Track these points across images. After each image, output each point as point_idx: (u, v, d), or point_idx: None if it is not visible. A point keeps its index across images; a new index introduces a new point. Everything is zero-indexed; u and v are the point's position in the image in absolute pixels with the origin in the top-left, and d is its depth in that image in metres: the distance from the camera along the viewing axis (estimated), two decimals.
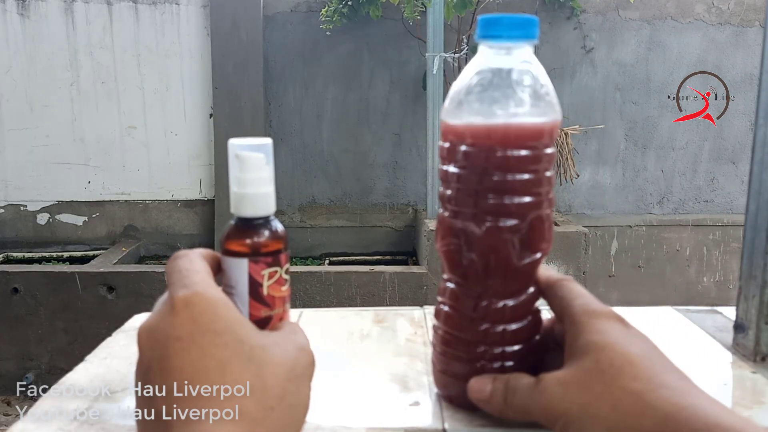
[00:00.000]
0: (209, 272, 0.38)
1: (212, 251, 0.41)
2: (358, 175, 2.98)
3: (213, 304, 0.34)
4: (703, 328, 0.59)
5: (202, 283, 0.35)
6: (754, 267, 0.53)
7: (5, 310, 2.37)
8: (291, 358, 0.35)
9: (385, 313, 0.63)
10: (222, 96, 2.83)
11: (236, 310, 0.36)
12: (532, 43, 0.41)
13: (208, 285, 0.35)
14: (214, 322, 0.33)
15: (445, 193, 0.43)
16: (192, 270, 0.37)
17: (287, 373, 0.34)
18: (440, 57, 2.43)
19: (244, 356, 0.33)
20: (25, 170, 2.90)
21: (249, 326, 0.35)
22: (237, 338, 0.33)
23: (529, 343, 0.43)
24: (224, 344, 0.33)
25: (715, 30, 2.89)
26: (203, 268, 0.37)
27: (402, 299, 2.39)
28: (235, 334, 0.33)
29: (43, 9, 2.80)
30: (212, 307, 0.34)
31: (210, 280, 0.36)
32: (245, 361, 0.33)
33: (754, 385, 0.48)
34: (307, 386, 0.36)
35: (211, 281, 0.36)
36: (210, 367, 0.32)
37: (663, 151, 2.97)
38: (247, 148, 0.43)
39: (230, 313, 0.34)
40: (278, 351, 0.34)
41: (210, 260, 0.40)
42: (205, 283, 0.35)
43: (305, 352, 0.36)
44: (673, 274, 2.96)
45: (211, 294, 0.35)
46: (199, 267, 0.37)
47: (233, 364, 0.32)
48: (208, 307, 0.34)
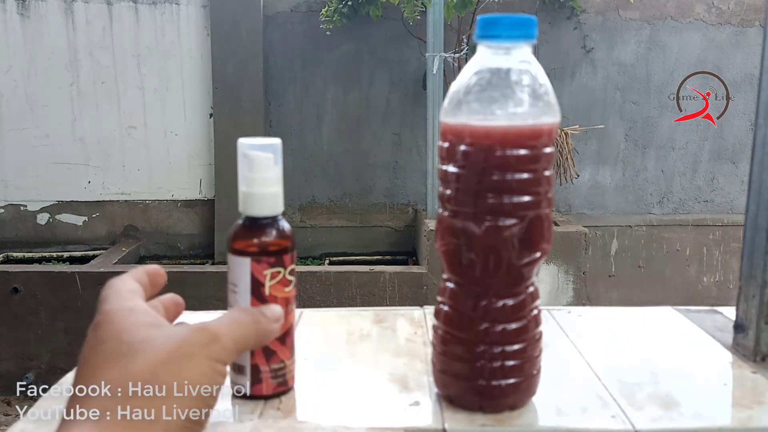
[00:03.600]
0: (137, 289, 0.39)
1: (155, 267, 0.43)
2: (358, 175, 2.98)
3: (113, 317, 0.36)
4: (703, 328, 0.59)
5: (116, 302, 0.37)
6: (754, 267, 0.53)
7: (5, 310, 2.37)
8: (176, 341, 0.35)
9: (385, 313, 0.63)
10: (222, 96, 2.83)
11: (140, 314, 0.37)
12: (530, 43, 0.41)
13: (121, 301, 0.37)
14: (104, 332, 0.35)
15: (444, 193, 0.43)
16: (118, 290, 0.39)
17: (166, 355, 0.34)
18: (440, 57, 2.43)
19: (119, 355, 0.34)
20: (25, 170, 2.90)
21: (139, 326, 0.36)
22: (118, 340, 0.35)
23: (529, 342, 0.44)
24: (104, 349, 0.35)
25: (715, 30, 2.89)
26: (132, 287, 0.39)
27: (402, 299, 2.39)
28: (117, 337, 0.35)
29: (43, 9, 2.80)
30: (110, 320, 0.36)
31: (129, 297, 0.38)
32: (117, 359, 0.34)
33: (754, 385, 0.48)
34: (200, 362, 0.35)
35: (130, 297, 0.38)
36: (86, 372, 0.34)
37: (663, 151, 2.97)
38: (255, 147, 0.43)
39: (125, 319, 0.36)
40: (160, 339, 0.35)
41: (149, 276, 0.42)
42: (119, 301, 0.37)
43: (201, 331, 0.36)
44: (673, 274, 2.96)
45: (116, 308, 0.37)
46: (128, 287, 0.39)
47: (104, 365, 0.34)
48: (108, 323, 0.36)
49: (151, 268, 0.43)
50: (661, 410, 0.44)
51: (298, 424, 0.42)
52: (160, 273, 0.43)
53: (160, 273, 0.43)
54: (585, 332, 0.59)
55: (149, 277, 0.42)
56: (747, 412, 0.44)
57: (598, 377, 0.49)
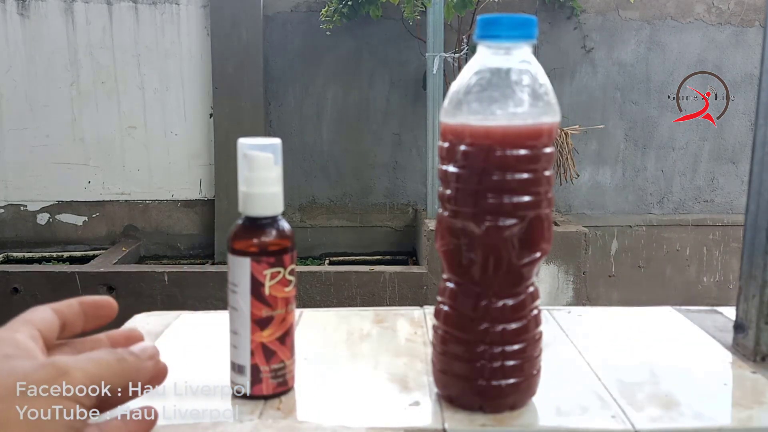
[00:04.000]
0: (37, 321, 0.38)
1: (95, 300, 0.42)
2: (358, 175, 2.98)
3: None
4: (703, 328, 0.59)
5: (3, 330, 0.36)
6: (754, 267, 0.53)
7: (5, 310, 2.36)
8: (15, 377, 0.33)
9: (385, 313, 0.63)
10: (222, 96, 2.83)
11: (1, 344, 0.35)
12: (530, 43, 0.41)
13: (2, 330, 0.36)
14: None
15: (444, 193, 0.43)
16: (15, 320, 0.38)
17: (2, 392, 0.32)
18: (440, 57, 2.43)
19: None
20: (25, 170, 2.90)
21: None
22: None
23: (529, 342, 0.44)
24: None
25: (715, 30, 2.89)
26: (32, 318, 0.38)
27: (402, 299, 2.39)
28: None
29: (43, 9, 2.80)
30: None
31: (12, 327, 0.37)
32: None
33: (754, 385, 0.48)
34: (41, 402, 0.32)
35: (13, 327, 0.37)
36: None
37: (663, 151, 2.97)
38: (255, 147, 0.43)
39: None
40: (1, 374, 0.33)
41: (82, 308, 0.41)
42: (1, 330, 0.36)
43: (47, 367, 0.34)
44: (673, 274, 2.96)
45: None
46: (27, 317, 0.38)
47: None
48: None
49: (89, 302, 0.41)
50: (661, 410, 0.44)
51: (298, 424, 0.42)
52: (100, 305, 0.42)
53: (102, 305, 0.42)
54: (585, 332, 0.59)
55: (82, 309, 0.41)
56: (747, 412, 0.44)
57: (598, 377, 0.49)
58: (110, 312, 0.42)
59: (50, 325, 0.39)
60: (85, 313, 0.41)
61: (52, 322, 0.39)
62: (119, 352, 0.37)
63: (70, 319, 0.41)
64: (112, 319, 0.43)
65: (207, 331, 0.60)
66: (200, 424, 0.41)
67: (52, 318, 0.39)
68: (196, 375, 0.46)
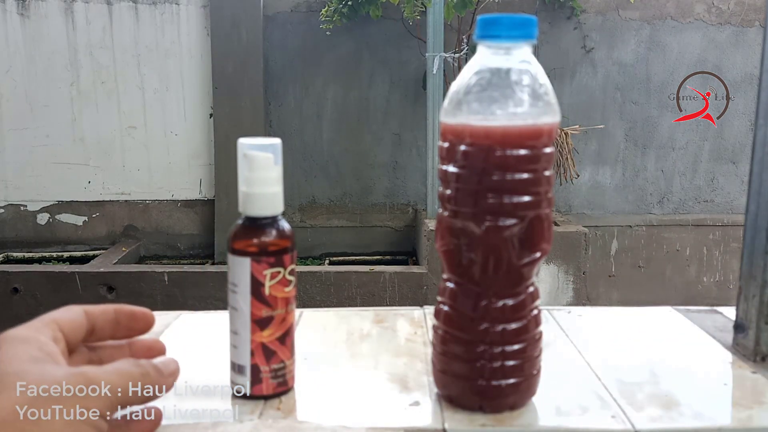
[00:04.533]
0: (62, 322, 0.38)
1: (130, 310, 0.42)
2: (358, 175, 2.98)
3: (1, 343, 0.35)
4: (703, 328, 0.59)
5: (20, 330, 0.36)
6: (754, 267, 0.53)
7: (5, 310, 2.37)
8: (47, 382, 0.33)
9: (385, 313, 0.63)
10: (222, 96, 2.83)
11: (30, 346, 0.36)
12: (530, 43, 0.41)
13: (24, 330, 0.36)
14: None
15: (444, 193, 0.43)
16: (39, 319, 0.38)
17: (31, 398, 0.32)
18: (440, 57, 2.43)
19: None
20: (25, 170, 2.90)
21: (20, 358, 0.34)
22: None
23: (529, 342, 0.44)
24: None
25: (715, 30, 2.89)
26: (57, 317, 0.38)
27: (402, 299, 2.39)
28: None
29: (43, 9, 2.80)
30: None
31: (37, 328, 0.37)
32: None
33: (754, 385, 0.48)
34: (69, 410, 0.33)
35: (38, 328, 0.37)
36: None
37: (663, 151, 2.97)
38: (255, 147, 0.43)
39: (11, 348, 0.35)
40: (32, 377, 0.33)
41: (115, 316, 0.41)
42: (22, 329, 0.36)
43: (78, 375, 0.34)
44: (673, 274, 2.96)
45: (11, 335, 0.36)
46: (53, 316, 0.38)
47: None
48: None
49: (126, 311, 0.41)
50: (661, 410, 0.44)
51: (298, 424, 0.42)
52: (136, 316, 0.42)
53: (138, 316, 0.42)
54: (585, 332, 0.59)
55: (116, 317, 0.41)
56: (747, 412, 0.44)
57: (598, 377, 0.49)
58: (145, 326, 0.42)
59: (77, 327, 0.39)
60: (117, 322, 0.41)
61: (80, 325, 0.39)
62: (145, 366, 0.37)
63: (101, 325, 0.40)
64: (146, 332, 0.43)
65: (207, 331, 0.60)
66: (200, 424, 0.41)
67: (80, 321, 0.39)
68: (196, 375, 0.46)
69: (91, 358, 0.41)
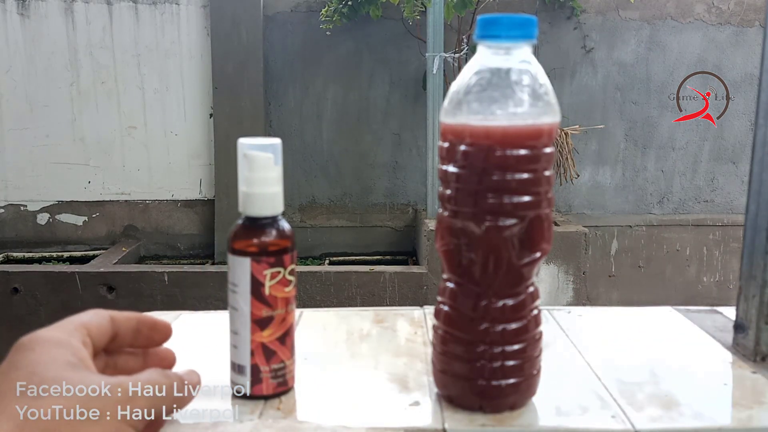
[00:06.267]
0: (90, 325, 0.39)
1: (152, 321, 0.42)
2: (358, 175, 2.98)
3: (35, 345, 0.35)
4: (703, 328, 0.59)
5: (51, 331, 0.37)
6: (754, 267, 0.53)
7: (5, 310, 2.37)
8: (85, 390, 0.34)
9: (385, 313, 0.63)
10: (222, 96, 2.83)
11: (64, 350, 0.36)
12: (530, 43, 0.41)
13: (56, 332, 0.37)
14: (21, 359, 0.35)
15: (444, 193, 0.43)
16: (68, 321, 0.38)
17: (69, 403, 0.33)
18: (440, 57, 2.43)
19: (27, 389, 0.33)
20: (25, 170, 2.90)
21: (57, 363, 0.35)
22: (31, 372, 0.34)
23: (529, 342, 0.44)
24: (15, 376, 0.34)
25: (715, 30, 2.89)
26: (86, 321, 0.38)
27: (402, 299, 2.39)
28: (31, 368, 0.34)
29: (43, 9, 2.80)
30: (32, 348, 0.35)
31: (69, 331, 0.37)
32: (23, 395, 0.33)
33: (754, 385, 0.48)
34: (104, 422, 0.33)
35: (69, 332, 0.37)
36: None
37: (663, 151, 2.97)
38: (255, 147, 0.43)
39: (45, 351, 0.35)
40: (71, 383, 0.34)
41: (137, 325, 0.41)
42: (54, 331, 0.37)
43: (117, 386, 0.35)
44: (673, 274, 2.96)
45: (44, 337, 0.36)
46: (82, 320, 0.38)
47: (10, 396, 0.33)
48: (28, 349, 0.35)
49: (148, 321, 0.42)
50: (661, 410, 0.44)
51: (298, 424, 0.42)
52: (158, 328, 0.42)
53: (159, 328, 0.42)
54: (585, 332, 0.59)
55: (138, 326, 0.41)
56: (747, 412, 0.44)
57: (598, 377, 0.49)
58: (164, 338, 0.43)
59: (103, 333, 0.39)
60: (139, 331, 0.41)
61: (106, 331, 0.39)
62: (172, 378, 0.38)
63: (123, 332, 0.41)
64: (162, 344, 0.43)
65: (207, 331, 0.60)
66: (200, 424, 0.41)
67: (107, 327, 0.40)
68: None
69: (108, 364, 0.41)
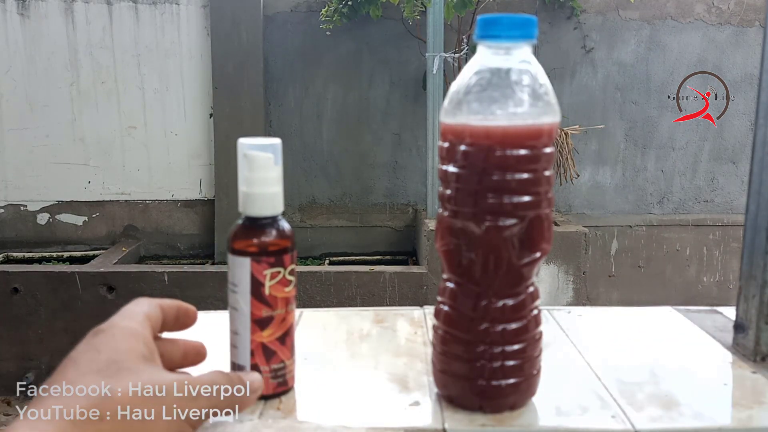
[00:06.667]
0: (153, 317, 0.40)
1: (188, 308, 0.44)
2: (358, 175, 2.98)
3: (116, 333, 0.37)
4: (703, 328, 0.59)
5: (127, 320, 0.38)
6: (754, 267, 0.53)
7: (5, 310, 2.37)
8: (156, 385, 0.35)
9: (385, 313, 0.63)
10: (222, 96, 2.83)
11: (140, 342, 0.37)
12: (530, 43, 0.41)
13: (131, 322, 0.38)
14: (103, 343, 0.36)
15: (444, 193, 0.43)
16: (135, 312, 0.40)
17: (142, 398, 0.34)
18: (440, 57, 2.43)
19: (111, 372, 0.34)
20: (25, 170, 2.90)
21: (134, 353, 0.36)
22: (112, 358, 0.35)
23: (529, 342, 0.44)
24: (97, 358, 0.35)
25: (715, 30, 2.89)
26: (150, 313, 0.40)
27: (402, 299, 2.39)
28: (113, 354, 0.35)
29: (43, 9, 2.80)
30: (113, 335, 0.37)
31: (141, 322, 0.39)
32: (108, 375, 0.34)
33: (754, 385, 0.48)
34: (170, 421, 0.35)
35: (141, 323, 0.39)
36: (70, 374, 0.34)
37: (663, 151, 2.97)
38: (255, 147, 0.43)
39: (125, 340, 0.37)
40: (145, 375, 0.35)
41: (177, 312, 0.43)
42: (129, 321, 0.38)
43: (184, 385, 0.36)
44: (673, 274, 2.96)
45: (123, 326, 0.37)
46: (147, 311, 0.40)
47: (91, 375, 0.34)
48: (110, 336, 0.36)
49: (184, 307, 0.43)
50: (661, 410, 0.44)
51: (298, 424, 0.42)
52: (190, 313, 0.44)
53: (191, 314, 0.44)
54: (585, 332, 0.59)
55: (177, 313, 0.43)
56: (747, 412, 0.44)
57: (598, 377, 0.49)
58: (193, 323, 0.44)
59: (159, 323, 0.41)
60: (177, 318, 0.43)
61: (160, 320, 0.41)
62: (237, 381, 0.39)
63: (167, 320, 0.42)
64: (189, 328, 0.45)
65: (207, 331, 0.60)
66: None
67: (160, 316, 0.41)
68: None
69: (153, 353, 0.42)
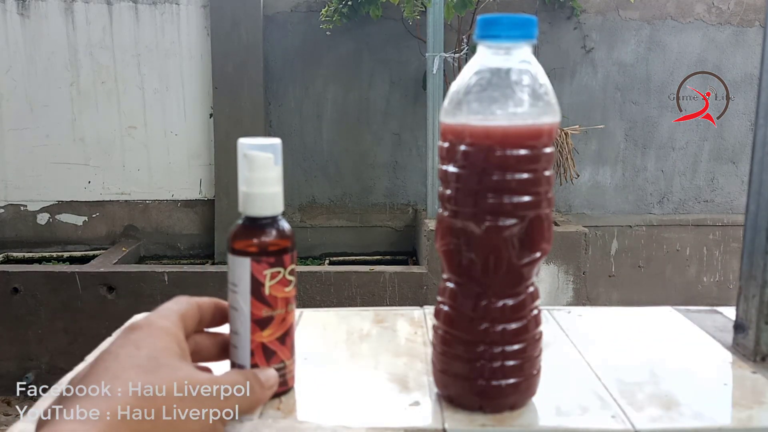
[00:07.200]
0: (189, 316, 0.41)
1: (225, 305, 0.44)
2: (358, 175, 2.98)
3: (154, 331, 0.38)
4: (703, 328, 0.59)
5: (164, 319, 0.39)
6: (754, 267, 0.53)
7: (5, 310, 2.37)
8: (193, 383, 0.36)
9: (385, 313, 0.63)
10: (222, 96, 2.83)
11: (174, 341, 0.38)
12: (530, 43, 0.41)
13: (166, 321, 0.39)
14: (142, 340, 0.37)
15: (444, 193, 0.43)
16: (172, 311, 0.40)
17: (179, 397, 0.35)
18: (440, 57, 2.43)
19: (152, 368, 0.35)
20: (25, 170, 2.90)
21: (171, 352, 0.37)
22: (152, 356, 0.36)
23: (529, 342, 0.44)
24: (137, 355, 0.36)
25: (715, 30, 2.89)
26: (186, 312, 0.41)
27: (402, 299, 2.39)
28: (152, 352, 0.36)
29: (43, 9, 2.80)
30: (150, 333, 0.37)
31: (176, 322, 0.40)
32: (150, 372, 0.35)
33: (754, 385, 0.48)
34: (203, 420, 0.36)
35: (176, 323, 0.40)
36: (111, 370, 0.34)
37: (663, 151, 2.97)
38: (255, 147, 0.43)
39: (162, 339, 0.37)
40: (181, 374, 0.36)
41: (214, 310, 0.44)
42: (165, 320, 0.39)
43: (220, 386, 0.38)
44: (673, 274, 2.96)
45: (160, 325, 0.38)
46: (183, 311, 0.41)
47: (132, 372, 0.34)
48: (147, 334, 0.37)
49: (221, 304, 0.44)
50: (661, 410, 0.44)
51: (298, 424, 0.42)
52: (226, 311, 0.44)
53: (227, 311, 0.44)
54: (585, 332, 0.59)
55: (214, 311, 0.44)
56: (747, 412, 0.44)
57: (598, 377, 0.49)
58: (226, 320, 0.45)
59: (194, 323, 0.42)
60: (213, 316, 0.44)
61: (195, 320, 0.42)
62: (259, 381, 0.40)
63: (204, 318, 0.43)
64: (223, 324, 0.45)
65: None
66: None
67: (197, 316, 0.42)
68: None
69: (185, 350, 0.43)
